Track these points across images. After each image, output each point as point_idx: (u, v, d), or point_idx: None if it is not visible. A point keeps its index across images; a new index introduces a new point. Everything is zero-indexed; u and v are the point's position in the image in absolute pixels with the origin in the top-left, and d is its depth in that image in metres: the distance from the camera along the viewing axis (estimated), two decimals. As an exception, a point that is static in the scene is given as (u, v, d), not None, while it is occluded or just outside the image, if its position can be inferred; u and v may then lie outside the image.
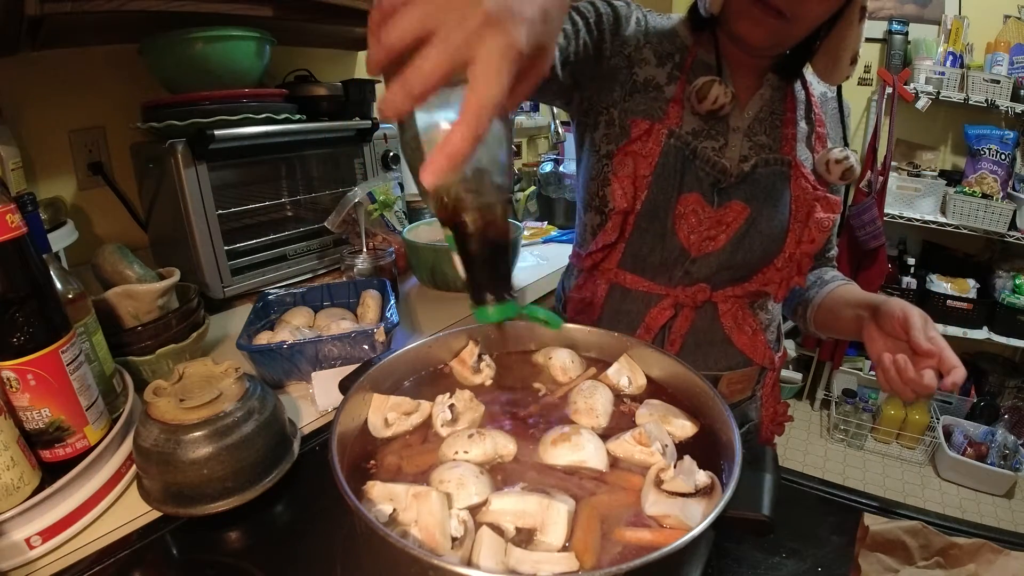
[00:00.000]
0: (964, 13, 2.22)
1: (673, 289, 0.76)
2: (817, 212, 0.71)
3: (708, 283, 0.75)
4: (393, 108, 0.30)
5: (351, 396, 0.47)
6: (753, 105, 0.73)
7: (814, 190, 0.72)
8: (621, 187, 0.72)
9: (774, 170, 0.72)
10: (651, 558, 0.31)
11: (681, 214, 0.71)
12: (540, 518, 0.38)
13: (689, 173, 0.70)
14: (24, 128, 0.97)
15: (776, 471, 0.40)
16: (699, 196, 0.71)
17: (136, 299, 0.70)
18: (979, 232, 2.13)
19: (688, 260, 0.73)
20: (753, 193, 0.71)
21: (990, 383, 2.37)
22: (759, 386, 0.84)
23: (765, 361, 0.79)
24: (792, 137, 0.73)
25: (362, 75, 1.55)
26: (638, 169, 0.71)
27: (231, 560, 0.50)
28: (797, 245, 0.73)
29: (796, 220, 0.72)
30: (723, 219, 0.71)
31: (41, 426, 0.50)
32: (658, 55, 0.73)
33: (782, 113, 0.74)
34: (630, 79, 0.73)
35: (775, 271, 0.75)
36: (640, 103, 0.72)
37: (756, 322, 0.79)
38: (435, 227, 1.22)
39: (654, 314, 0.76)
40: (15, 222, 0.46)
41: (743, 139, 0.72)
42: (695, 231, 0.72)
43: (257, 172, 1.14)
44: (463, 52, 0.29)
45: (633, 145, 0.71)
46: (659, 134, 0.70)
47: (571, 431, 0.46)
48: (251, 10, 0.93)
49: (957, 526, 0.52)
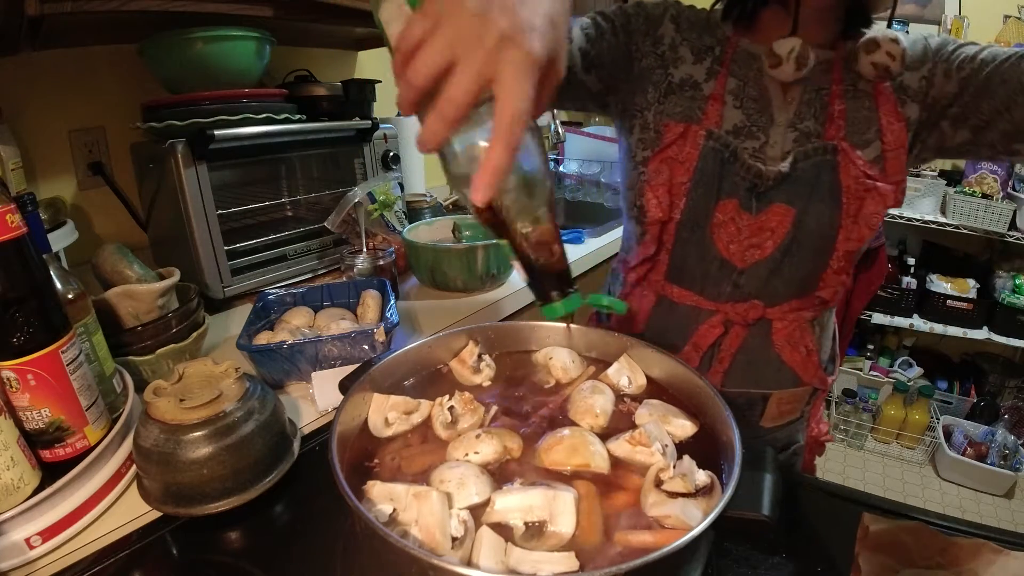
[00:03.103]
0: (964, 13, 2.22)
1: (723, 305, 0.71)
2: (867, 207, 0.65)
3: (760, 298, 0.70)
4: (433, 138, 0.33)
5: (351, 396, 0.47)
6: (795, 91, 0.67)
7: (865, 177, 0.64)
8: (656, 196, 0.69)
9: (817, 161, 0.65)
10: (651, 558, 0.31)
11: (719, 223, 0.68)
12: (548, 510, 0.38)
13: (727, 178, 0.67)
14: (24, 128, 0.97)
15: (776, 471, 0.40)
16: (736, 203, 0.67)
17: (136, 299, 0.70)
18: (979, 232, 2.13)
19: (736, 272, 0.70)
20: (796, 192, 0.66)
21: (990, 383, 2.37)
22: (808, 407, 0.80)
23: (816, 381, 0.75)
24: (840, 115, 0.65)
25: (362, 75, 1.55)
26: (675, 176, 0.68)
27: (231, 560, 0.50)
28: (847, 241, 0.67)
29: (847, 215, 0.65)
30: (766, 225, 0.67)
31: (41, 426, 0.50)
32: (695, 51, 0.69)
33: (828, 86, 0.66)
34: (665, 80, 0.70)
35: (832, 273, 0.69)
36: (676, 104, 0.69)
37: (812, 341, 0.73)
38: (435, 227, 1.23)
39: (703, 331, 0.72)
40: (15, 222, 0.46)
41: (786, 131, 0.67)
42: (735, 240, 0.68)
43: (257, 172, 1.14)
44: (486, 71, 0.31)
45: (669, 150, 0.68)
46: (696, 136, 0.67)
47: (571, 434, 0.46)
48: (251, 10, 0.93)
49: (957, 526, 0.51)
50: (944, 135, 0.65)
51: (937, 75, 0.63)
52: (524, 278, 0.42)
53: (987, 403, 2.28)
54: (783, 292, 0.70)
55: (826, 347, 0.78)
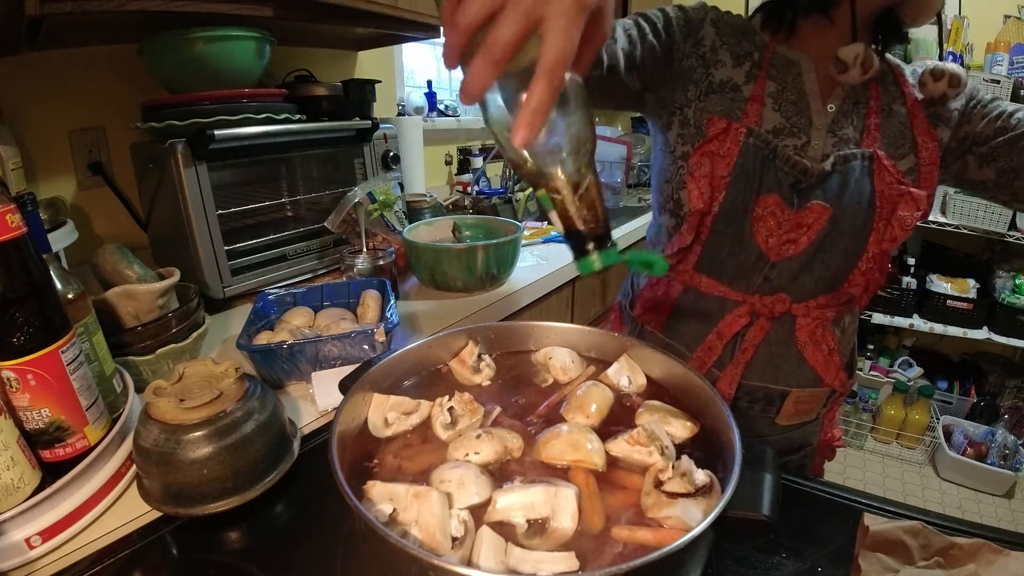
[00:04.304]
0: (964, 13, 2.22)
1: (751, 296, 0.73)
2: (901, 209, 0.67)
3: (788, 292, 0.72)
4: (480, 83, 0.32)
5: (351, 396, 0.47)
6: (836, 97, 0.70)
7: (899, 184, 0.67)
8: (698, 188, 0.70)
9: (855, 165, 0.68)
10: (651, 558, 0.31)
11: (759, 216, 0.69)
12: (550, 506, 0.38)
13: (768, 174, 0.68)
14: (24, 128, 0.97)
15: (776, 471, 0.40)
16: (778, 198, 0.68)
17: (136, 299, 0.70)
18: (979, 232, 2.13)
19: (768, 265, 0.71)
20: (834, 192, 0.68)
21: (990, 383, 2.37)
22: (824, 409, 0.80)
23: (836, 383, 0.76)
24: (875, 127, 0.69)
25: (362, 75, 1.55)
26: (716, 170, 0.69)
27: (231, 560, 0.50)
28: (879, 244, 0.69)
29: (880, 218, 0.68)
30: (803, 221, 0.69)
31: (41, 426, 0.50)
32: (735, 56, 0.71)
33: (866, 101, 0.70)
34: (706, 79, 0.71)
35: (859, 274, 0.71)
36: (717, 103, 0.71)
37: (834, 340, 0.75)
38: (435, 227, 1.23)
39: (728, 320, 0.74)
40: (15, 222, 0.46)
41: (826, 135, 0.69)
42: (774, 234, 0.69)
43: (257, 172, 1.14)
44: (534, 12, 0.31)
45: (710, 145, 0.70)
46: (737, 133, 0.68)
47: (569, 430, 0.46)
48: (251, 10, 0.93)
49: (957, 526, 0.51)
50: (967, 167, 0.70)
51: (975, 117, 0.68)
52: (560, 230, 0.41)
53: (987, 403, 2.28)
54: (811, 288, 0.72)
55: (847, 350, 0.78)
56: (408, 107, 1.75)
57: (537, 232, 1.52)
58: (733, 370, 0.74)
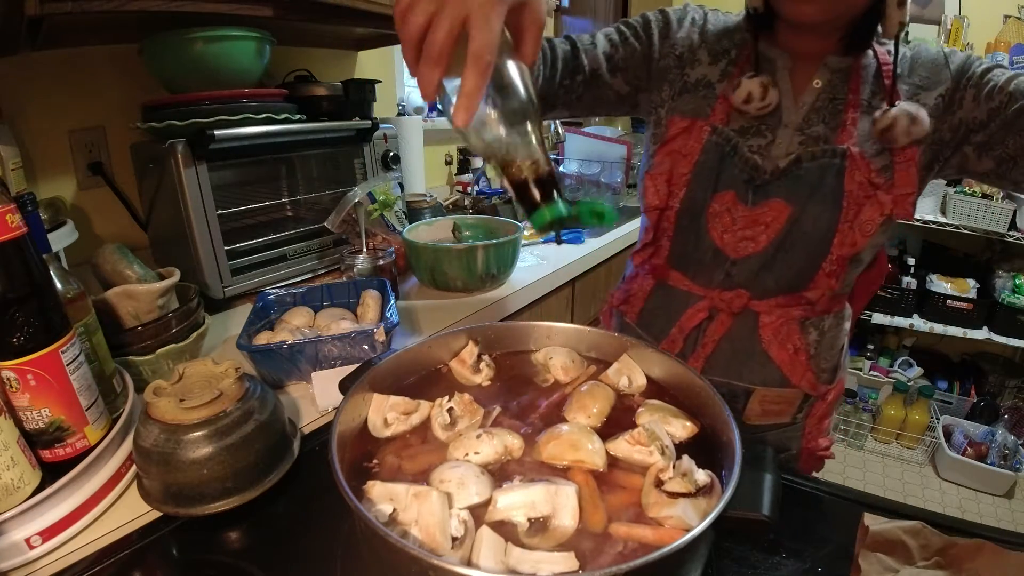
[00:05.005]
0: (964, 13, 2.22)
1: (711, 291, 0.74)
2: (864, 213, 0.65)
3: (749, 289, 0.72)
4: (427, 84, 0.37)
5: (351, 396, 0.47)
6: (808, 96, 0.68)
7: (869, 184, 0.64)
8: (654, 185, 0.72)
9: (823, 163, 0.65)
10: (651, 558, 0.31)
11: (715, 212, 0.70)
12: (551, 504, 0.39)
13: (726, 171, 0.69)
14: (24, 128, 0.97)
15: (776, 471, 0.40)
16: (734, 195, 0.69)
17: (136, 299, 0.70)
18: (979, 232, 2.13)
19: (728, 262, 0.71)
20: (796, 190, 0.67)
21: (990, 383, 2.37)
22: (801, 415, 0.79)
23: (804, 384, 0.74)
24: (852, 123, 0.65)
25: (362, 75, 1.55)
26: (676, 167, 0.71)
27: (231, 560, 0.50)
28: (842, 247, 0.67)
29: (845, 220, 0.66)
30: (760, 218, 0.68)
31: (41, 426, 0.50)
32: (713, 53, 0.72)
33: (844, 96, 0.67)
34: (680, 79, 0.73)
35: (823, 276, 0.69)
36: (688, 102, 0.72)
37: (802, 341, 0.73)
38: (435, 227, 1.23)
39: (689, 314, 0.75)
40: (15, 222, 0.46)
41: (793, 134, 0.68)
42: (728, 230, 0.70)
43: (257, 172, 1.14)
44: (460, 12, 0.36)
45: (673, 144, 0.71)
46: (701, 131, 0.69)
47: (570, 430, 0.46)
48: (251, 10, 0.93)
49: (957, 526, 0.51)
50: (967, 159, 0.65)
51: (966, 99, 0.63)
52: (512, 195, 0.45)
53: (987, 403, 2.28)
54: (772, 287, 0.71)
55: (828, 355, 0.77)
56: (408, 107, 1.75)
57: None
58: (693, 364, 0.75)
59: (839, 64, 0.67)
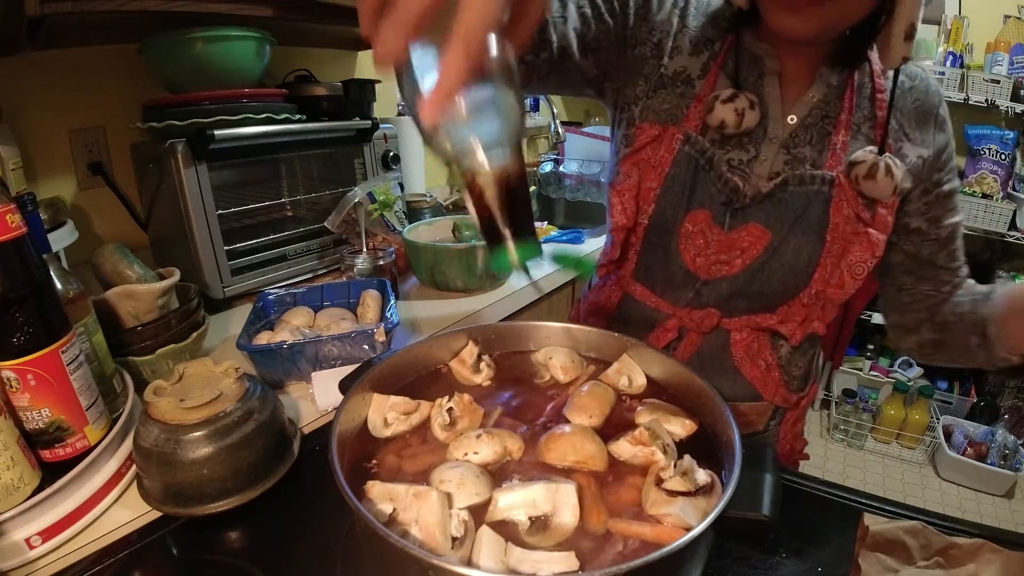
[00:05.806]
0: (964, 13, 2.22)
1: (680, 310, 0.69)
2: (854, 252, 0.60)
3: (719, 309, 0.68)
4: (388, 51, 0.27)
5: (351, 396, 0.47)
6: (799, 109, 0.61)
7: (857, 219, 0.60)
8: (621, 202, 0.65)
9: (809, 190, 0.60)
10: (651, 558, 0.32)
11: (688, 233, 0.64)
12: (552, 503, 0.39)
13: (701, 187, 0.62)
14: (24, 128, 0.97)
15: (776, 471, 0.40)
16: (709, 215, 0.63)
17: (136, 299, 0.70)
18: (979, 232, 2.13)
19: (699, 282, 0.67)
20: (777, 216, 0.61)
21: (990, 383, 2.37)
22: (774, 422, 0.76)
23: (777, 399, 0.72)
24: (842, 147, 0.60)
25: (362, 75, 1.55)
26: (645, 181, 0.64)
27: (231, 560, 0.50)
28: (826, 284, 0.62)
29: (829, 254, 0.61)
30: (736, 244, 0.63)
31: (41, 426, 0.50)
32: (694, 42, 0.63)
33: (836, 115, 0.61)
34: (657, 71, 0.64)
35: (800, 306, 0.65)
36: (664, 100, 0.64)
37: (773, 356, 0.70)
38: (435, 227, 1.22)
39: (657, 334, 0.71)
40: (15, 222, 0.46)
41: (779, 151, 0.61)
42: (702, 253, 0.64)
43: (257, 172, 1.14)
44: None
45: (641, 153, 0.64)
46: (673, 139, 0.62)
47: (572, 431, 0.46)
48: (251, 10, 0.93)
49: (957, 526, 0.51)
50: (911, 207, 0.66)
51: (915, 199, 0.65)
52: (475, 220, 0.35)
53: (987, 403, 2.28)
54: (743, 308, 0.68)
55: (798, 363, 0.74)
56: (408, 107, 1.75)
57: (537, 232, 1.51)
58: None
59: (835, 78, 0.61)
